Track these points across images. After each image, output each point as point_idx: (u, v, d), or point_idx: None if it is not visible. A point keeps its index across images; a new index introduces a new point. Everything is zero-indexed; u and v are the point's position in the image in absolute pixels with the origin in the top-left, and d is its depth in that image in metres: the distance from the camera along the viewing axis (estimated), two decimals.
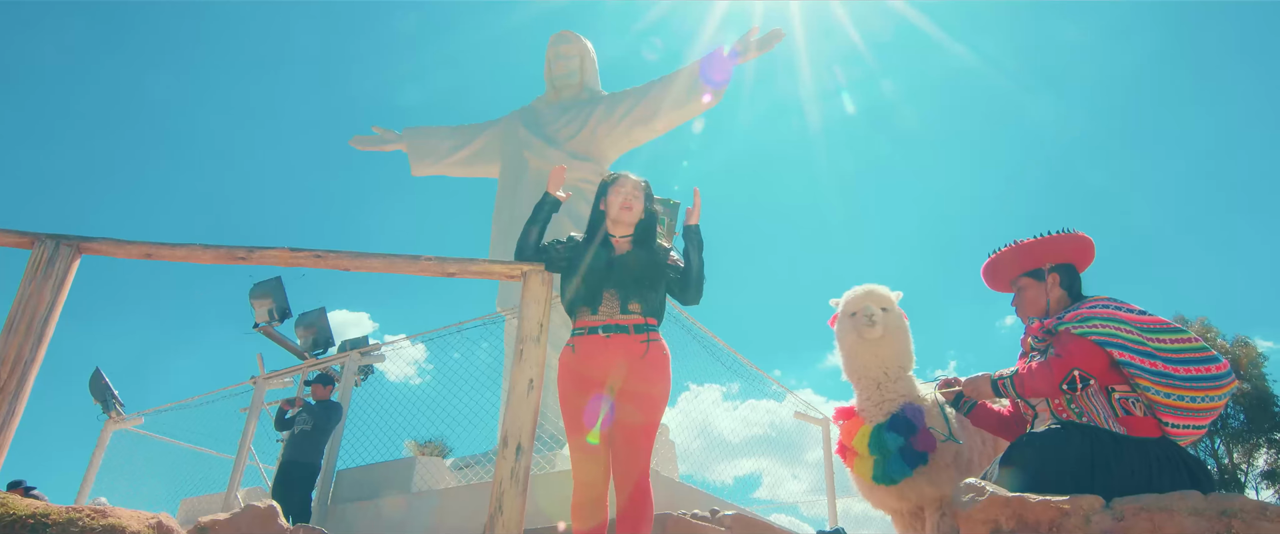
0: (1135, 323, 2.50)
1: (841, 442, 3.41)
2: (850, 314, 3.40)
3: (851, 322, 3.37)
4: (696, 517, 4.59)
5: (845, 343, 3.41)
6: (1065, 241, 2.84)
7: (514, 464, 2.65)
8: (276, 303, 7.28)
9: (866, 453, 3.16)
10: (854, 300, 3.43)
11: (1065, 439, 2.38)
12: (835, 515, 8.08)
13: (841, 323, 3.47)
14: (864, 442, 3.18)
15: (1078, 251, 2.87)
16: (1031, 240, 2.88)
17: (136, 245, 2.85)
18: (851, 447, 3.28)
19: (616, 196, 2.98)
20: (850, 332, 3.37)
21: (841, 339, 3.45)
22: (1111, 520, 1.81)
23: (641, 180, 3.05)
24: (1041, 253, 2.86)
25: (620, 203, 2.96)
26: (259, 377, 7.21)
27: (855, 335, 3.34)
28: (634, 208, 2.96)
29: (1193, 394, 2.40)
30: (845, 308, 3.46)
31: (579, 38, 10.87)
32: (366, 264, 2.94)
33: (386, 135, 11.23)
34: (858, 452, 3.22)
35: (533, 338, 2.84)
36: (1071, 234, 2.84)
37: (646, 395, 2.72)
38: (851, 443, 3.27)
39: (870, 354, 3.32)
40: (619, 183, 3.03)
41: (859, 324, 3.31)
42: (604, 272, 2.84)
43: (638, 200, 2.98)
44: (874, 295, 3.43)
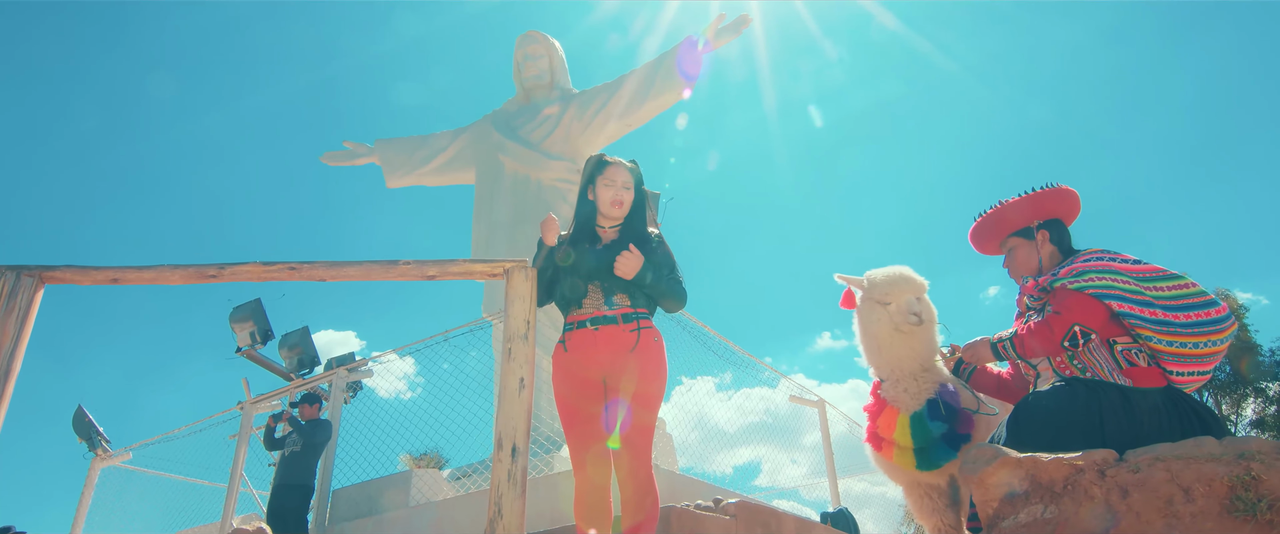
0: (1131, 272, 2.46)
1: (876, 433, 3.16)
2: (881, 302, 3.10)
3: (884, 312, 3.08)
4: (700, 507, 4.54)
5: (876, 334, 3.11)
6: (1050, 197, 2.80)
7: (510, 466, 2.57)
8: (258, 325, 7.18)
9: (907, 443, 2.99)
10: (888, 289, 3.10)
11: (1071, 395, 2.34)
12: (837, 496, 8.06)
13: (870, 309, 3.15)
14: (905, 432, 2.99)
15: (1064, 206, 2.83)
16: (1016, 199, 2.84)
17: (101, 271, 2.75)
18: (890, 438, 3.07)
19: (607, 191, 2.83)
20: (883, 323, 3.08)
21: (870, 328, 3.15)
22: (1128, 473, 1.77)
23: (632, 169, 2.89)
24: (1028, 211, 2.82)
25: (610, 198, 2.82)
26: (246, 402, 7.09)
27: (889, 328, 3.06)
28: (624, 202, 2.83)
29: (1195, 339, 2.36)
30: (876, 294, 3.13)
31: (546, 37, 10.78)
32: (343, 273, 2.84)
33: (357, 149, 11.10)
34: (898, 443, 3.04)
35: (520, 335, 2.76)
36: (1055, 188, 2.80)
37: (642, 387, 2.66)
38: (892, 436, 3.05)
39: (906, 347, 3.06)
40: (608, 174, 2.84)
41: (898, 319, 3.02)
42: (590, 265, 2.76)
43: (628, 194, 2.84)
44: (911, 284, 3.11)
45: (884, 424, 3.08)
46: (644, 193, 2.92)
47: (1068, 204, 2.83)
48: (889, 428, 3.05)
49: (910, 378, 3.06)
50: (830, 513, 6.67)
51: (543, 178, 9.78)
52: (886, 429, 3.07)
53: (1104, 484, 1.77)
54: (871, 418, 3.17)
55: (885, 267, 3.21)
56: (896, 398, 3.08)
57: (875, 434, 3.15)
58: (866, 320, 3.17)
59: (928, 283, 3.16)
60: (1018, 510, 1.85)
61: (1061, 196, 2.81)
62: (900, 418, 3.04)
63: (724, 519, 4.41)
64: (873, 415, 3.17)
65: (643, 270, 2.69)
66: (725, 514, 4.52)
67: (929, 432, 2.93)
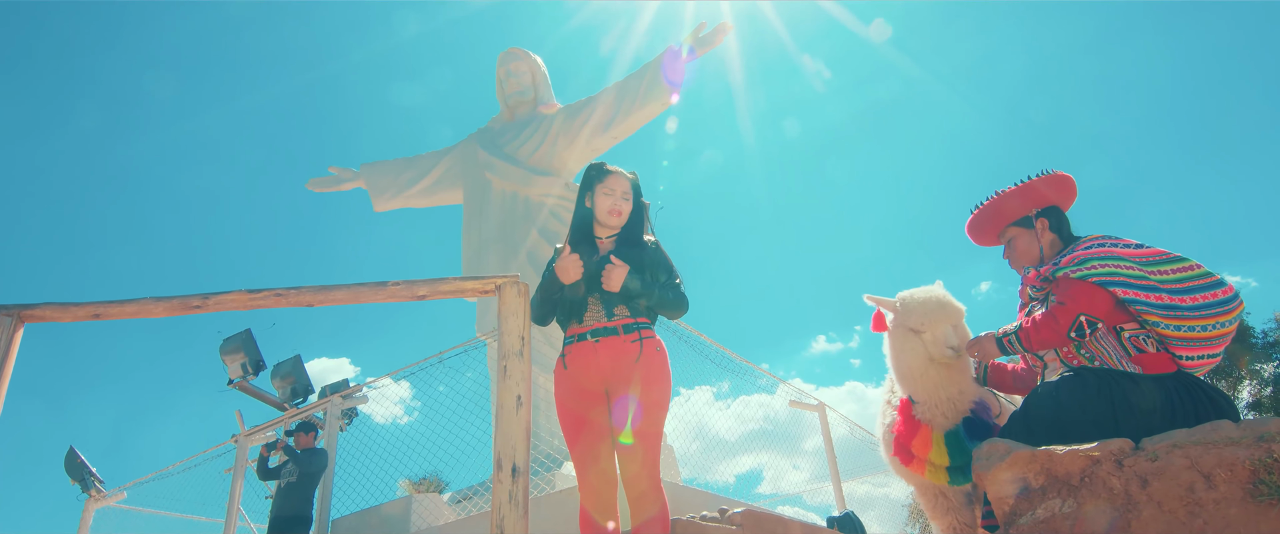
0: (1134, 257, 2.42)
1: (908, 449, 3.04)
2: (915, 330, 2.93)
3: (918, 340, 2.91)
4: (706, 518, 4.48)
5: (911, 363, 2.95)
6: (1047, 184, 2.76)
7: (511, 486, 2.51)
8: (249, 356, 7.08)
9: (943, 462, 2.90)
10: (922, 317, 2.93)
11: (1081, 385, 2.29)
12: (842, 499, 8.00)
13: (903, 337, 2.98)
14: (942, 452, 2.90)
15: (1061, 192, 2.79)
16: (1013, 189, 2.80)
17: (82, 307, 2.68)
18: (923, 456, 2.97)
19: (605, 200, 2.79)
20: (916, 352, 2.92)
21: (902, 357, 2.98)
22: (1146, 462, 1.72)
23: (630, 178, 2.85)
24: (1026, 199, 2.78)
25: (608, 207, 2.78)
26: (240, 434, 6.99)
27: (923, 358, 2.90)
28: (623, 211, 2.79)
29: (1203, 322, 2.32)
30: (910, 321, 2.96)
31: (528, 54, 10.77)
32: (331, 297, 2.78)
33: (343, 174, 11.04)
34: (933, 462, 2.94)
35: (516, 352, 2.70)
36: (1051, 175, 2.76)
37: (647, 393, 2.61)
38: (927, 455, 2.95)
39: (943, 377, 2.91)
40: (608, 183, 2.80)
41: (934, 350, 2.87)
42: (588, 278, 2.71)
43: (627, 203, 2.80)
44: (947, 311, 2.93)
45: (919, 444, 2.97)
46: (642, 203, 2.88)
47: (1064, 190, 2.79)
48: (924, 447, 2.95)
49: (947, 402, 2.92)
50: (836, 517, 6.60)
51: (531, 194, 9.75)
52: (921, 448, 2.97)
53: (1122, 475, 1.72)
54: (902, 436, 3.05)
55: (918, 288, 3.05)
56: (931, 419, 2.96)
57: (905, 449, 3.04)
58: (899, 348, 3.00)
59: (965, 308, 3.02)
60: (1035, 506, 1.80)
61: (1058, 183, 2.77)
62: (935, 436, 2.94)
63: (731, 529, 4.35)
64: (904, 434, 3.05)
65: (629, 281, 2.64)
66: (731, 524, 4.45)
67: (967, 450, 2.82)
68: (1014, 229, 2.82)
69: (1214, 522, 1.56)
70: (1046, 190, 2.76)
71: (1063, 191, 2.79)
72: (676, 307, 2.76)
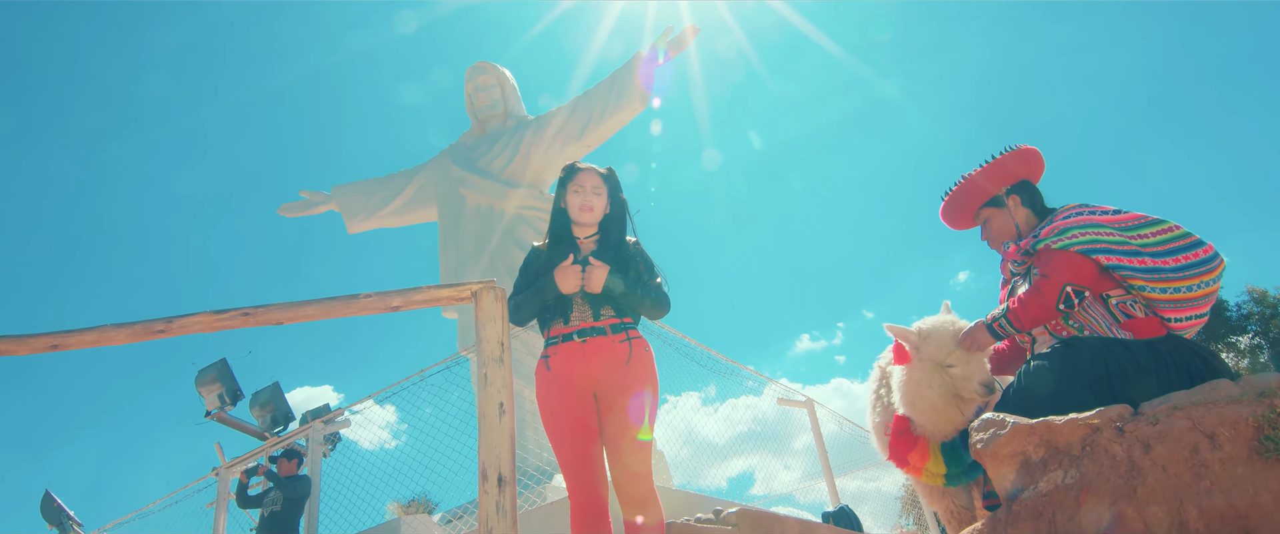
0: (1113, 223, 2.40)
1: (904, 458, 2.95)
2: (944, 365, 2.72)
3: (944, 376, 2.71)
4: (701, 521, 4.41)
5: (933, 399, 2.74)
6: (1013, 161, 2.73)
7: (498, 497, 2.42)
8: (225, 386, 6.93)
9: (940, 470, 2.83)
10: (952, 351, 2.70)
11: (1074, 355, 2.25)
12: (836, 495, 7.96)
13: (929, 373, 2.76)
14: (939, 461, 2.82)
15: (1028, 167, 2.76)
16: (978, 170, 2.77)
17: (40, 338, 2.57)
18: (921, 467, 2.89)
19: (575, 197, 2.74)
20: (943, 389, 2.72)
21: (925, 391, 2.76)
22: (1147, 426, 1.68)
23: (601, 173, 2.79)
24: (994, 178, 2.75)
25: (579, 204, 2.73)
26: (221, 467, 6.83)
27: (946, 394, 2.71)
28: (594, 207, 2.73)
29: (1188, 283, 2.30)
30: (936, 354, 2.74)
31: (495, 67, 10.71)
32: (302, 313, 2.68)
33: (314, 198, 10.91)
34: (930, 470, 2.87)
35: (495, 359, 2.62)
36: (1015, 151, 2.73)
37: (633, 400, 2.54)
38: (926, 466, 2.86)
39: (958, 413, 2.75)
40: (576, 181, 2.76)
41: (966, 389, 2.66)
42: None
43: (598, 198, 2.74)
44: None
45: (917, 456, 2.89)
46: (622, 201, 2.83)
47: (1031, 164, 2.77)
48: (922, 458, 2.88)
49: (952, 426, 2.80)
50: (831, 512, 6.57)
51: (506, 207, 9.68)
52: (919, 459, 2.88)
53: (1124, 441, 1.68)
54: (899, 448, 2.97)
55: (938, 318, 2.85)
56: (932, 434, 2.86)
57: (902, 459, 2.96)
58: (920, 383, 2.77)
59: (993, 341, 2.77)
60: (1036, 479, 1.76)
61: (1023, 158, 2.74)
62: (933, 447, 2.87)
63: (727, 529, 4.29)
64: (901, 446, 2.95)
65: (611, 281, 2.58)
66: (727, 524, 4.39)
67: (963, 458, 2.78)
68: (987, 210, 2.80)
69: (1221, 482, 1.53)
70: (1013, 166, 2.74)
71: (1030, 165, 2.76)
72: (658, 306, 2.70)
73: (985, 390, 2.65)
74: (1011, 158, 2.73)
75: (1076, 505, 1.63)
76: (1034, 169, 2.77)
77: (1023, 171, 2.75)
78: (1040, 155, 2.76)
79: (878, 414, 3.19)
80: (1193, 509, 1.52)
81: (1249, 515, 1.48)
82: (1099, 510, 1.59)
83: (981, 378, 2.66)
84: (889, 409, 3.06)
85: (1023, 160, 2.74)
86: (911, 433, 2.94)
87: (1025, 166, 2.75)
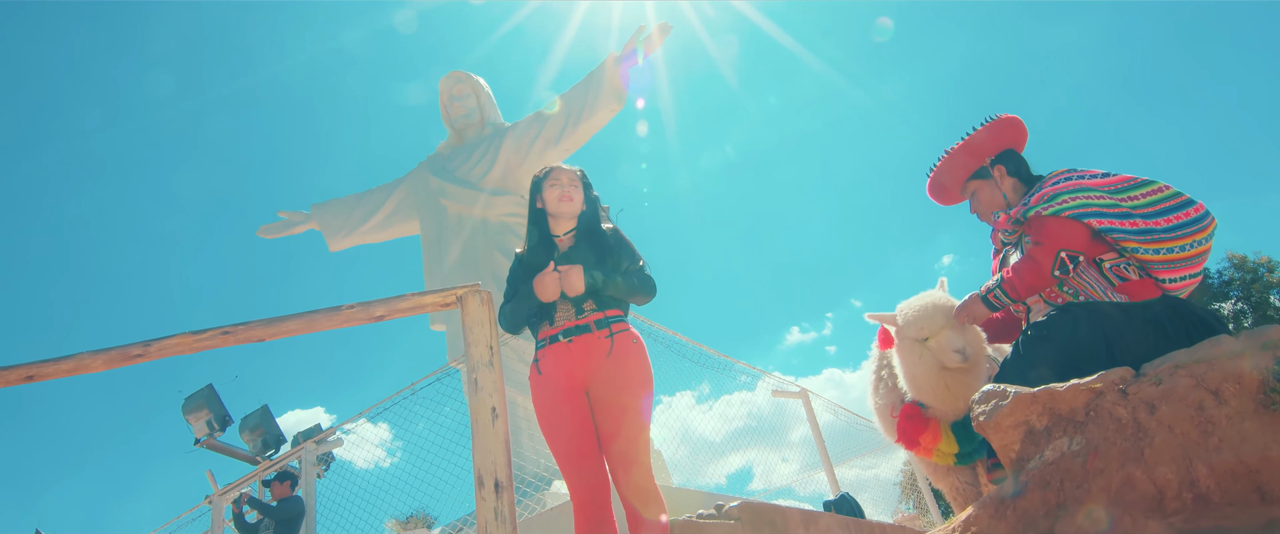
0: (1103, 186, 2.37)
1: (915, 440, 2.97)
2: (920, 339, 2.80)
3: (925, 349, 2.78)
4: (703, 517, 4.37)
5: (919, 375, 2.82)
6: (995, 131, 2.71)
7: (496, 503, 2.37)
8: (214, 412, 6.82)
9: (952, 449, 2.85)
10: (923, 324, 2.79)
11: (1071, 320, 2.22)
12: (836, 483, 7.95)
13: (909, 349, 2.86)
14: (951, 441, 2.84)
15: (1010, 136, 2.74)
16: (960, 144, 2.75)
17: (14, 370, 2.49)
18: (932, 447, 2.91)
19: (552, 190, 2.73)
20: (925, 362, 2.78)
21: (914, 368, 2.84)
22: (1150, 387, 1.65)
23: (577, 169, 2.82)
24: (976, 151, 2.73)
25: (557, 195, 2.72)
26: (214, 494, 6.72)
27: (933, 368, 2.77)
28: (574, 198, 2.72)
29: (1181, 242, 2.28)
30: (912, 332, 2.83)
31: (470, 76, 10.65)
32: (283, 328, 2.62)
33: (293, 218, 10.80)
34: (942, 450, 2.88)
35: (485, 363, 2.56)
36: (995, 121, 2.71)
37: (628, 393, 2.50)
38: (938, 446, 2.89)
39: (959, 383, 2.78)
40: (553, 176, 2.77)
41: (943, 358, 2.73)
42: None
43: (576, 190, 2.74)
44: (948, 313, 2.77)
45: (928, 437, 2.90)
46: (595, 198, 2.81)
47: (1014, 132, 2.74)
48: (934, 440, 2.89)
49: (959, 401, 2.80)
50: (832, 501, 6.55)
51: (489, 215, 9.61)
52: (930, 440, 2.90)
53: (1128, 403, 1.65)
54: (910, 430, 2.97)
55: (916, 296, 2.92)
56: (942, 415, 2.88)
57: (913, 441, 2.97)
58: (908, 361, 2.87)
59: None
60: (1042, 448, 1.73)
61: (1004, 127, 2.71)
62: (944, 427, 2.88)
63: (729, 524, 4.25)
64: (912, 429, 2.96)
65: (589, 277, 2.55)
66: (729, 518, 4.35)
67: (974, 436, 2.78)
68: (973, 182, 2.77)
69: (1230, 437, 1.50)
70: (995, 136, 2.71)
71: (1012, 134, 2.73)
72: (643, 291, 2.68)
73: (960, 357, 2.68)
74: (992, 128, 2.70)
75: (1084, 471, 1.60)
76: (1017, 137, 2.74)
77: (1005, 141, 2.72)
78: (1021, 123, 2.73)
79: (881, 396, 3.16)
80: (1202, 467, 1.49)
81: (1259, 470, 1.46)
82: (1108, 475, 1.56)
83: (955, 345, 2.70)
84: (892, 390, 3.04)
85: (1004, 129, 2.71)
86: (923, 416, 2.92)
87: (1007, 136, 2.72)
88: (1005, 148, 2.73)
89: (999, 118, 2.71)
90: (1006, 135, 2.73)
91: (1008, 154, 2.73)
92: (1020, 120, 2.73)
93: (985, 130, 2.70)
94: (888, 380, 3.06)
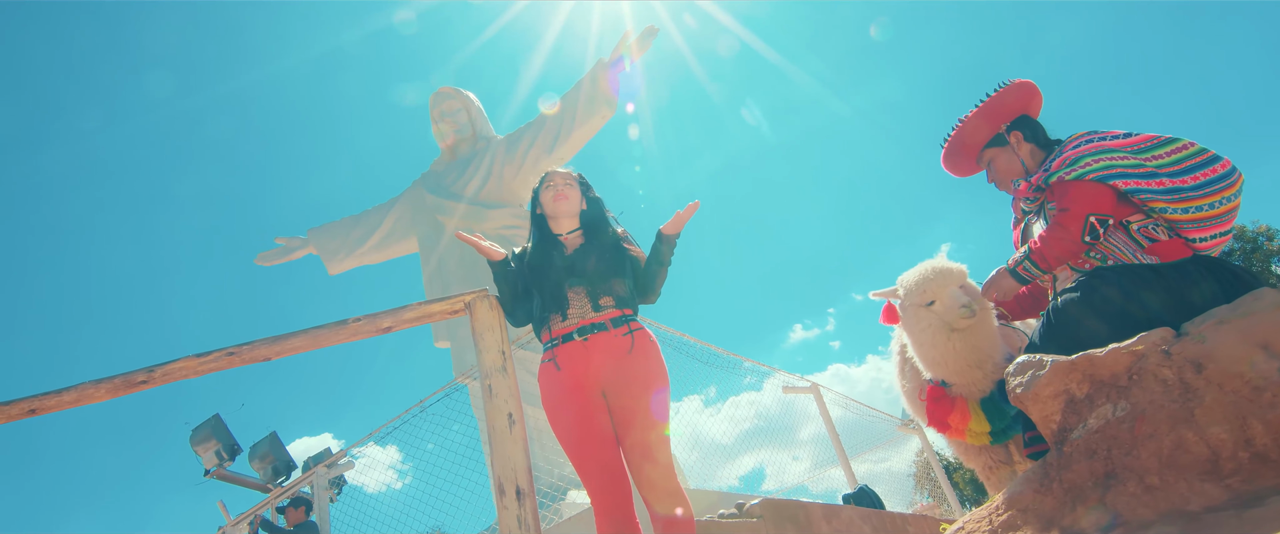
0: (1125, 147, 2.31)
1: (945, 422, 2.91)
2: (925, 304, 2.78)
3: (931, 313, 2.76)
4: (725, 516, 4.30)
5: (930, 341, 2.78)
6: (1010, 96, 2.64)
7: (518, 511, 2.30)
8: (222, 442, 6.75)
9: (983, 428, 2.80)
10: (926, 288, 2.78)
11: (1103, 284, 2.15)
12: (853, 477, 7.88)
13: (915, 316, 2.83)
14: (981, 419, 2.79)
15: (1026, 100, 2.66)
16: (975, 110, 2.67)
17: (15, 405, 2.43)
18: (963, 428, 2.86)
19: (548, 191, 2.74)
20: (934, 326, 2.75)
21: (922, 335, 2.81)
22: (1194, 345, 1.59)
23: (571, 170, 2.83)
24: (991, 117, 2.65)
25: (552, 195, 2.72)
26: (226, 525, 6.65)
27: (943, 330, 2.73)
28: (569, 196, 2.71)
29: (1209, 200, 2.21)
30: (916, 297, 2.81)
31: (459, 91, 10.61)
32: (289, 345, 2.56)
33: (291, 243, 10.74)
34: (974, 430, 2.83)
35: (498, 369, 2.50)
36: (1009, 85, 2.64)
37: (645, 393, 2.43)
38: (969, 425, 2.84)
39: (967, 344, 2.73)
40: (548, 179, 2.79)
41: (950, 316, 2.69)
42: (563, 272, 2.56)
43: (571, 188, 2.74)
44: (948, 275, 2.77)
45: (958, 418, 2.85)
46: (597, 199, 2.78)
47: (1028, 97, 2.66)
48: (964, 420, 2.84)
49: (975, 370, 2.77)
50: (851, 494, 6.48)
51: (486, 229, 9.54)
52: (960, 421, 2.85)
53: (1173, 364, 1.59)
54: (938, 412, 2.92)
55: (914, 267, 2.91)
56: (966, 391, 2.83)
57: (943, 423, 2.92)
58: (915, 329, 2.84)
59: (965, 267, 2.85)
60: (1084, 417, 1.66)
61: (1018, 91, 2.64)
62: (973, 406, 2.82)
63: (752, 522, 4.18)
64: (940, 411, 2.91)
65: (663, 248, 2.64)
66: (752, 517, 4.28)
67: (1005, 413, 2.74)
68: (989, 150, 2.69)
69: None
70: (1009, 101, 2.64)
71: (1027, 99, 2.66)
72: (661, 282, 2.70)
73: (967, 312, 2.66)
74: (1006, 93, 2.63)
75: (1132, 437, 1.54)
76: (1031, 103, 2.67)
77: (1020, 106, 2.65)
78: (1036, 88, 2.66)
79: (907, 379, 3.10)
80: (1258, 424, 1.43)
81: None
82: (1158, 439, 1.50)
83: (960, 301, 2.68)
84: (917, 372, 2.98)
85: (1018, 93, 2.65)
86: (948, 396, 2.87)
87: (1022, 100, 2.65)
88: (1020, 113, 2.67)
89: (1012, 82, 2.64)
90: (1021, 100, 2.65)
91: (1023, 119, 2.66)
92: (1034, 84, 2.66)
93: (999, 96, 2.64)
94: (913, 362, 3.00)
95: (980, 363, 2.75)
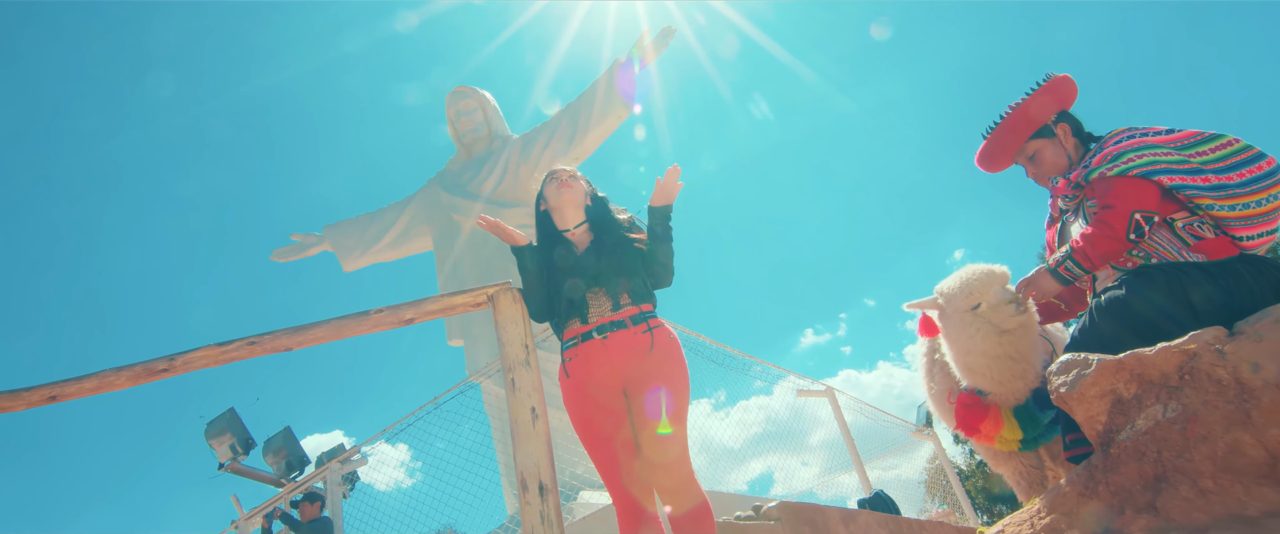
0: (1169, 143, 2.25)
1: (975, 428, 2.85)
2: (970, 308, 2.67)
3: (977, 318, 2.64)
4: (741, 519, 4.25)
5: (980, 345, 2.65)
6: (1057, 88, 2.58)
7: (542, 506, 2.26)
8: (236, 436, 6.75)
9: (1016, 436, 2.75)
10: (971, 291, 2.67)
11: (1150, 282, 2.09)
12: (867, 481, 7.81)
13: (960, 324, 2.71)
14: (1014, 427, 2.73)
15: (1069, 94, 2.61)
16: (1024, 101, 2.60)
17: (35, 391, 2.41)
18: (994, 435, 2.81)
19: (551, 186, 2.72)
20: (982, 331, 2.63)
21: (968, 344, 2.68)
22: (1251, 344, 1.53)
23: (573, 168, 2.81)
24: (1042, 107, 2.59)
25: (555, 190, 2.70)
26: (240, 519, 6.66)
27: (992, 334, 2.61)
28: (573, 186, 2.69)
29: (1256, 197, 2.15)
30: (961, 301, 2.70)
31: (476, 90, 10.60)
32: (311, 336, 2.53)
33: (306, 240, 10.75)
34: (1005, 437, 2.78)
35: (521, 362, 2.47)
36: (1056, 78, 2.58)
37: (669, 387, 2.39)
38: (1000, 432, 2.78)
39: (1014, 350, 2.63)
40: (551, 175, 2.77)
41: (999, 316, 2.59)
42: (577, 270, 2.52)
43: (575, 179, 2.72)
44: (993, 276, 2.67)
45: (990, 425, 2.79)
46: (603, 197, 2.74)
47: (1070, 91, 2.61)
48: (995, 427, 2.77)
49: (1017, 379, 2.70)
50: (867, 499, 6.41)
51: None
52: (992, 427, 2.78)
53: (1227, 363, 1.53)
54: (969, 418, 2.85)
55: (953, 273, 2.81)
56: (1003, 398, 2.76)
57: (974, 430, 2.85)
58: (961, 336, 2.71)
59: (1008, 270, 2.75)
60: (1132, 418, 1.61)
61: (1062, 85, 2.59)
62: (1006, 414, 2.76)
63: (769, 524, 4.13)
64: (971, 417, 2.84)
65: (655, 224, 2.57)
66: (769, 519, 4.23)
67: (1038, 421, 2.69)
68: (1035, 142, 2.62)
69: None
70: (1061, 93, 2.58)
71: (1070, 93, 2.61)
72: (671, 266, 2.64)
73: (1017, 309, 2.57)
74: (1053, 85, 2.57)
75: (1184, 439, 1.49)
76: (1072, 97, 2.62)
77: (1064, 101, 2.61)
78: (1074, 83, 2.61)
79: (936, 381, 3.03)
80: None
81: None
82: (1212, 442, 1.44)
83: (1007, 298, 2.59)
84: (946, 375, 2.91)
85: (1064, 87, 2.59)
86: (982, 403, 2.80)
87: (1067, 94, 2.61)
88: (1065, 107, 2.62)
89: (1055, 76, 2.59)
90: (1067, 93, 2.60)
91: (1067, 113, 2.61)
92: (1073, 80, 2.61)
93: (1049, 86, 2.58)
94: (941, 364, 2.93)
95: (1023, 373, 2.66)
